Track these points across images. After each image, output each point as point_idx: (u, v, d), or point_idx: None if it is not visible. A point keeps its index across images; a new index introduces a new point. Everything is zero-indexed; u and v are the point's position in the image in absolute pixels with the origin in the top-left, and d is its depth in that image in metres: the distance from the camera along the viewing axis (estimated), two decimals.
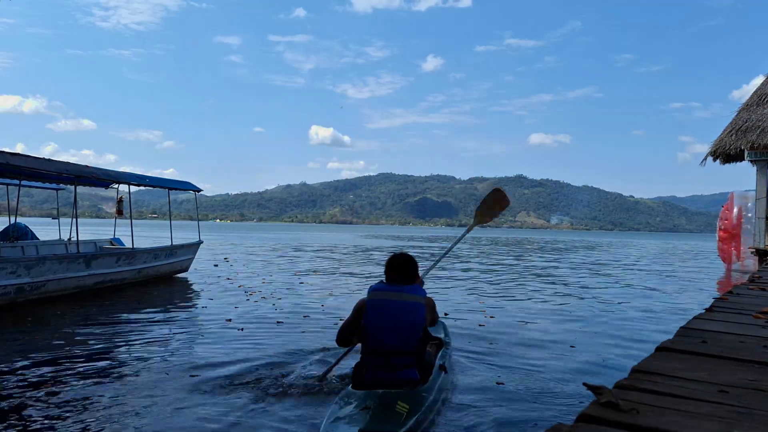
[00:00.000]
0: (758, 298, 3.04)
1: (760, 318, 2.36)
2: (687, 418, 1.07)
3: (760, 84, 13.62)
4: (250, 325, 6.80)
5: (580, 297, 10.53)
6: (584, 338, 6.38)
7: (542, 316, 7.93)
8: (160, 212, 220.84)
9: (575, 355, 5.54)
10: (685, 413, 1.10)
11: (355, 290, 10.62)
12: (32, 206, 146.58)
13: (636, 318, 8.13)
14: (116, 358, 5.25)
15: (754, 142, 12.14)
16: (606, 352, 5.69)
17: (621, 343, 6.16)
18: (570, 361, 5.29)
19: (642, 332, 6.94)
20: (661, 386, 1.27)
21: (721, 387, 1.29)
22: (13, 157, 8.41)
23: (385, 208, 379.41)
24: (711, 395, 1.23)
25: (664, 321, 7.96)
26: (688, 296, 11.30)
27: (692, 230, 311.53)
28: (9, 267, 8.07)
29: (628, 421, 1.03)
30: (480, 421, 3.63)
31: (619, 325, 7.36)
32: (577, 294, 11.01)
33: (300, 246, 30.40)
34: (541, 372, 4.84)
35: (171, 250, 12.42)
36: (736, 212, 16.51)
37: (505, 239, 57.41)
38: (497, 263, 20.20)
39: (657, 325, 7.61)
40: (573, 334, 6.63)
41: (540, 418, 3.72)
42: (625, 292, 11.55)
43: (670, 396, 1.21)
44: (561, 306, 9.15)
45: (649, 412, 1.09)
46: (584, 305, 9.35)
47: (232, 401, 3.95)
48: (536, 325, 7.19)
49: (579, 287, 12.36)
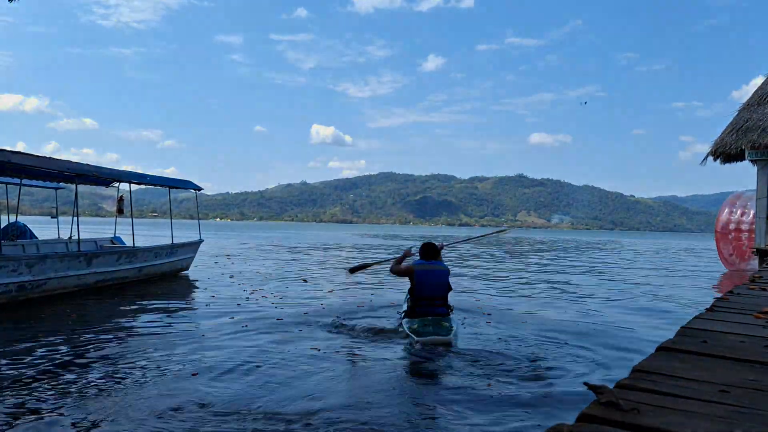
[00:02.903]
0: (759, 298, 3.04)
1: (761, 318, 2.36)
2: (688, 418, 1.07)
3: (761, 83, 13.61)
4: (251, 323, 6.82)
5: (580, 296, 10.53)
6: (584, 337, 6.38)
7: (542, 316, 7.93)
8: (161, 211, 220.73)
9: (575, 354, 5.54)
10: (686, 413, 1.10)
11: (352, 288, 10.62)
12: (33, 205, 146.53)
13: (636, 317, 8.14)
14: (116, 357, 5.25)
15: (754, 141, 12.14)
16: (607, 351, 5.69)
17: (621, 343, 6.16)
18: (570, 360, 5.29)
19: (642, 332, 6.94)
20: (661, 386, 1.27)
21: (721, 387, 1.29)
22: (14, 156, 8.42)
23: (386, 208, 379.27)
24: (712, 395, 1.23)
25: (664, 320, 7.96)
26: (687, 295, 11.30)
27: (693, 230, 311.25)
28: (11, 265, 8.08)
29: (628, 420, 1.03)
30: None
31: (620, 325, 7.36)
32: (577, 293, 11.01)
33: (299, 245, 30.42)
34: (541, 371, 4.84)
35: (172, 249, 12.43)
36: (738, 212, 16.50)
37: (506, 238, 57.34)
38: (495, 262, 20.20)
39: (657, 324, 7.61)
40: (573, 333, 6.63)
41: (540, 418, 3.73)
42: (625, 292, 11.56)
43: (670, 396, 1.21)
44: (561, 305, 9.15)
45: (650, 412, 1.09)
46: (584, 304, 9.35)
47: (234, 400, 3.96)
48: (536, 324, 7.18)
49: (579, 286, 12.36)
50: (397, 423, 3.59)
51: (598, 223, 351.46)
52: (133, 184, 12.01)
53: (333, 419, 3.60)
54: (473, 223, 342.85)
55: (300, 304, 8.46)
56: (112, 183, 12.76)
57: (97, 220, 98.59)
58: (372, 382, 4.48)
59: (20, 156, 8.60)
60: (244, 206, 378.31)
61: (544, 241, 51.67)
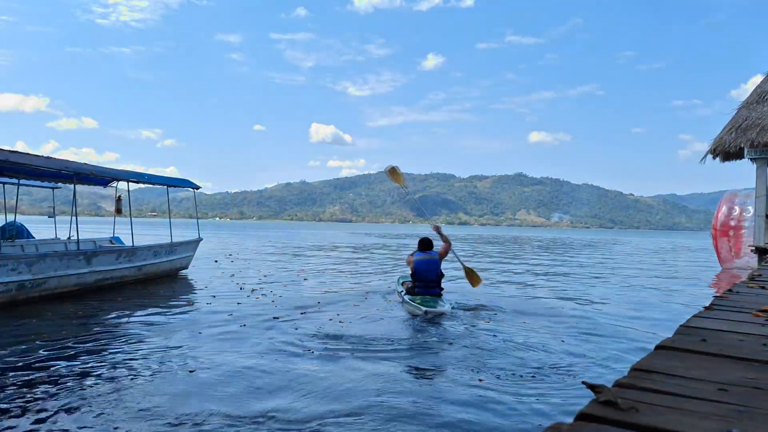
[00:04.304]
0: (758, 297, 3.04)
1: (760, 316, 2.36)
2: (686, 417, 1.07)
3: (760, 82, 13.61)
4: (250, 321, 6.82)
5: (579, 296, 10.53)
6: (582, 336, 6.38)
7: (540, 314, 7.93)
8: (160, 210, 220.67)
9: (573, 353, 5.54)
10: (685, 412, 1.10)
11: (348, 288, 10.61)
12: (31, 204, 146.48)
13: (635, 316, 8.14)
14: (116, 356, 5.24)
15: (753, 140, 12.13)
16: (606, 351, 5.69)
17: (620, 342, 6.16)
18: (569, 359, 5.29)
19: (641, 330, 6.94)
20: (660, 385, 1.27)
21: (720, 385, 1.29)
22: (13, 155, 8.40)
23: (385, 207, 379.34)
24: (710, 394, 1.23)
25: (663, 319, 7.96)
26: (686, 294, 11.31)
27: (692, 228, 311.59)
28: (10, 264, 8.07)
29: (627, 419, 1.03)
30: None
31: (618, 324, 7.36)
32: (577, 292, 11.02)
33: (298, 244, 30.41)
34: (539, 370, 4.84)
35: (171, 248, 12.43)
36: (736, 210, 16.51)
37: (505, 238, 57.44)
38: (493, 261, 20.20)
39: (656, 323, 7.61)
40: (571, 332, 6.63)
41: (539, 417, 3.72)
42: (624, 291, 11.56)
43: (669, 395, 1.21)
44: (559, 304, 9.15)
45: (649, 411, 1.09)
46: (583, 304, 9.35)
47: (232, 398, 3.95)
48: (534, 322, 7.19)
49: (577, 285, 12.36)
50: (395, 421, 3.58)
51: (597, 222, 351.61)
52: (131, 183, 11.98)
53: (329, 416, 3.60)
54: (473, 222, 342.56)
55: (300, 304, 8.46)
56: (111, 182, 12.75)
57: (96, 219, 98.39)
58: (369, 380, 4.48)
59: (18, 155, 8.58)
60: (243, 205, 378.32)
61: (543, 240, 51.68)
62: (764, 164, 12.44)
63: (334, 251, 24.43)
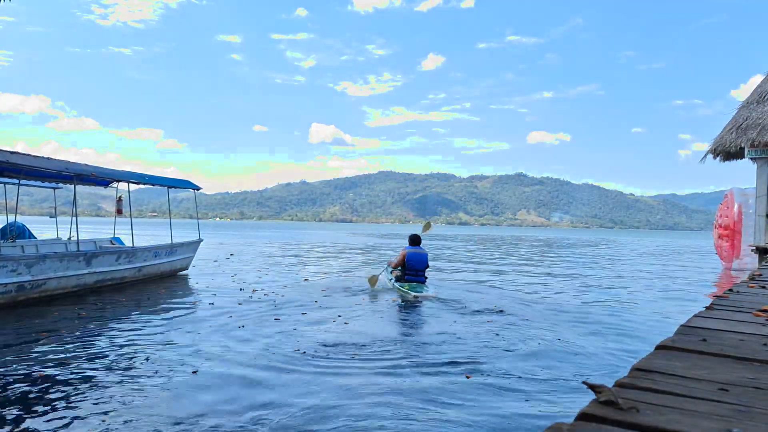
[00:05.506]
0: (758, 296, 3.04)
1: (760, 316, 2.36)
2: (687, 417, 1.07)
3: (760, 82, 13.60)
4: (251, 321, 6.81)
5: (579, 295, 10.53)
6: (584, 336, 6.38)
7: (540, 314, 7.93)
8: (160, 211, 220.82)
9: (574, 353, 5.54)
10: (685, 411, 1.10)
11: (348, 287, 10.61)
12: (32, 205, 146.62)
13: (636, 316, 8.14)
14: (116, 356, 5.25)
15: (754, 139, 12.13)
16: (606, 351, 5.69)
17: (621, 342, 6.16)
18: (569, 359, 5.29)
19: (642, 330, 6.94)
20: (661, 384, 1.27)
21: (721, 385, 1.29)
22: (13, 156, 8.41)
23: (385, 207, 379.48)
24: (711, 393, 1.23)
25: (663, 319, 7.96)
26: (686, 294, 11.31)
27: (692, 228, 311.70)
28: (10, 265, 8.07)
29: (628, 419, 1.03)
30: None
31: (619, 323, 7.36)
32: (577, 292, 11.02)
33: (298, 244, 30.41)
34: (539, 369, 4.84)
35: (171, 249, 12.43)
36: (735, 209, 16.50)
37: (505, 237, 57.48)
38: (490, 259, 20.20)
39: (657, 323, 7.61)
40: (572, 332, 6.63)
41: (539, 417, 3.72)
42: (625, 291, 11.56)
43: (670, 394, 1.21)
44: (559, 304, 9.15)
45: (649, 411, 1.09)
46: (583, 303, 9.35)
47: (232, 398, 3.95)
48: (534, 322, 7.19)
49: (578, 285, 12.36)
50: (395, 420, 3.58)
51: (597, 222, 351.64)
52: (132, 184, 11.98)
53: (329, 416, 3.61)
54: (473, 222, 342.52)
55: (300, 303, 8.46)
56: (111, 183, 12.75)
57: (97, 220, 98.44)
58: (368, 381, 4.48)
59: (18, 156, 8.59)
60: (244, 206, 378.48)
61: (542, 239, 51.68)
62: (765, 164, 12.44)
63: (335, 251, 24.43)
